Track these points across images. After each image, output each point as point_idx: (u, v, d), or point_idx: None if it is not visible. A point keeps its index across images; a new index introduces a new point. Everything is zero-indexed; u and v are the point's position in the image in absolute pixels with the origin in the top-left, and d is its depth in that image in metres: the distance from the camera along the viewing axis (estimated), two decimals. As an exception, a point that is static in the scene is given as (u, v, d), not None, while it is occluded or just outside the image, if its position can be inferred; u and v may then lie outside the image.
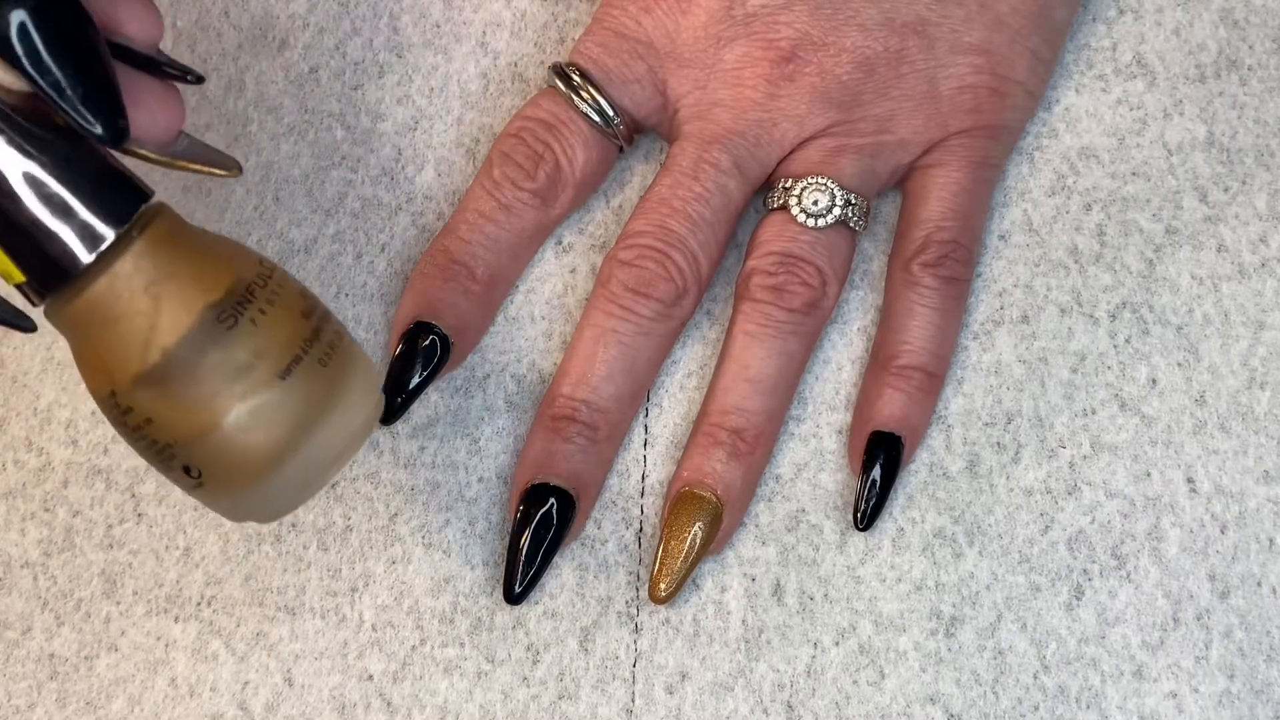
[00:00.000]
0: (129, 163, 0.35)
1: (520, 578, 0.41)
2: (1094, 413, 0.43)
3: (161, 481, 0.43)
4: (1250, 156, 0.45)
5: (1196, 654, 0.41)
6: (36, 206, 0.32)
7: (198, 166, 0.36)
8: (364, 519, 0.42)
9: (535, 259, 0.44)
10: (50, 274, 0.33)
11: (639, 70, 0.43)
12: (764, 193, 0.43)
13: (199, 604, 0.42)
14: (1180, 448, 0.43)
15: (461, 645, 0.42)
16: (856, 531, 0.42)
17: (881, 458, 0.42)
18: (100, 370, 0.34)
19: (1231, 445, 0.43)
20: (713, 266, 0.42)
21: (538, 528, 0.41)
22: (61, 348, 0.44)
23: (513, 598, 0.41)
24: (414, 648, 0.42)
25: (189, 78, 0.35)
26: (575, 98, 0.42)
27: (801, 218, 0.42)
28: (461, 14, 0.46)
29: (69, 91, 0.32)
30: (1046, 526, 0.42)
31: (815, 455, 0.43)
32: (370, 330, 0.44)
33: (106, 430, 0.43)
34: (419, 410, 0.43)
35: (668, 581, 0.41)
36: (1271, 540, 0.42)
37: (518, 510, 0.41)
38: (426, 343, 0.42)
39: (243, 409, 0.33)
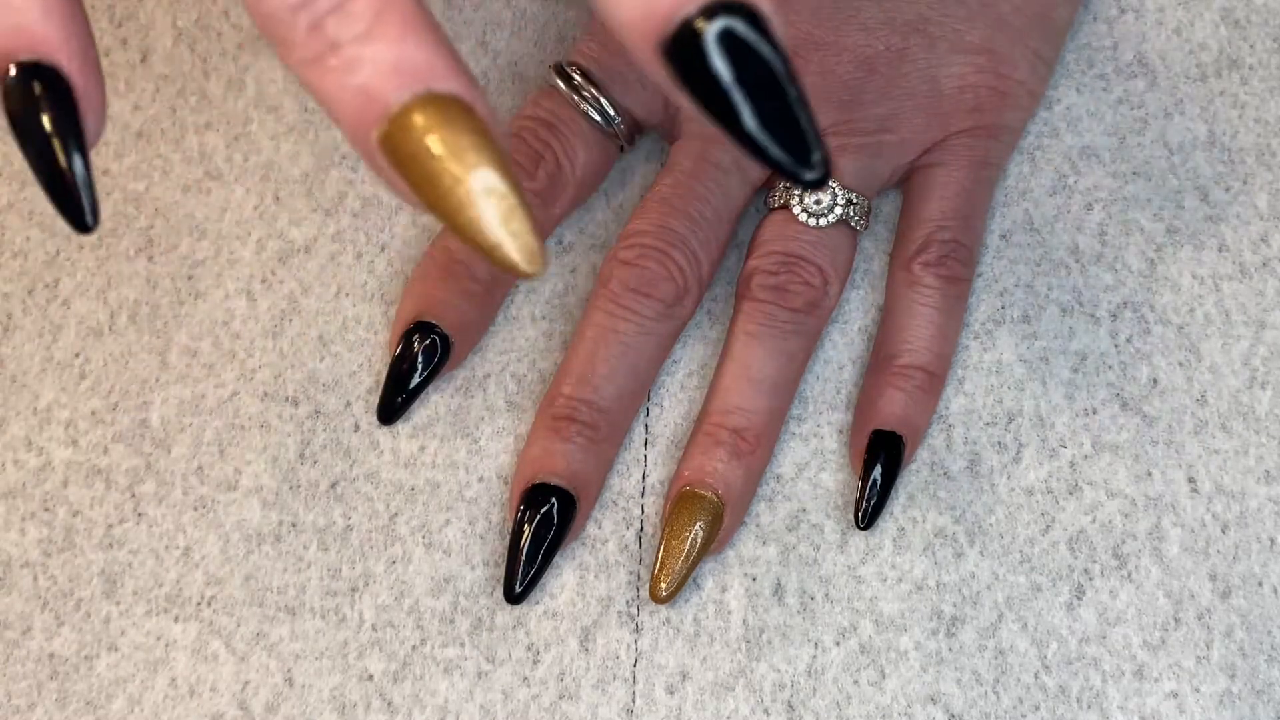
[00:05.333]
0: None
1: (521, 577, 0.41)
2: (1095, 412, 0.43)
3: (162, 481, 0.43)
4: (1251, 156, 0.45)
5: (1198, 654, 0.41)
6: None
7: None
8: (364, 519, 0.42)
9: (536, 258, 0.44)
10: None
11: (640, 70, 0.43)
12: (765, 192, 0.43)
13: (199, 604, 0.42)
14: (1181, 447, 0.43)
15: (462, 645, 0.42)
16: (857, 531, 0.42)
17: (882, 457, 0.42)
18: None
19: (1233, 445, 0.42)
20: (714, 266, 0.42)
21: (538, 527, 0.41)
22: (61, 347, 0.44)
23: (513, 597, 0.41)
24: (414, 647, 0.41)
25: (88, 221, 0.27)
26: (576, 97, 0.42)
27: (803, 217, 0.42)
28: (461, 13, 0.46)
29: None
30: (1047, 526, 0.42)
31: (816, 455, 0.43)
32: (370, 330, 0.44)
33: (106, 430, 0.43)
34: (419, 410, 0.43)
35: (668, 581, 0.41)
36: (1273, 540, 0.42)
37: (518, 510, 0.41)
38: (427, 342, 0.42)
39: None
